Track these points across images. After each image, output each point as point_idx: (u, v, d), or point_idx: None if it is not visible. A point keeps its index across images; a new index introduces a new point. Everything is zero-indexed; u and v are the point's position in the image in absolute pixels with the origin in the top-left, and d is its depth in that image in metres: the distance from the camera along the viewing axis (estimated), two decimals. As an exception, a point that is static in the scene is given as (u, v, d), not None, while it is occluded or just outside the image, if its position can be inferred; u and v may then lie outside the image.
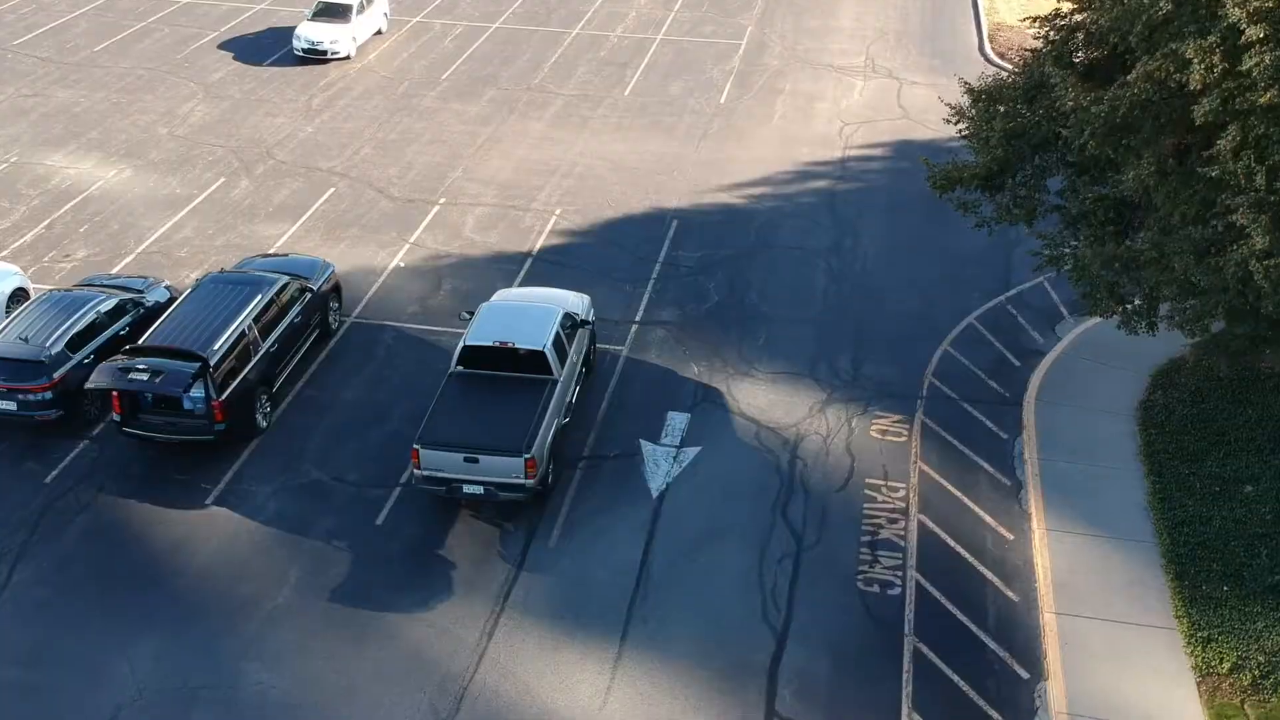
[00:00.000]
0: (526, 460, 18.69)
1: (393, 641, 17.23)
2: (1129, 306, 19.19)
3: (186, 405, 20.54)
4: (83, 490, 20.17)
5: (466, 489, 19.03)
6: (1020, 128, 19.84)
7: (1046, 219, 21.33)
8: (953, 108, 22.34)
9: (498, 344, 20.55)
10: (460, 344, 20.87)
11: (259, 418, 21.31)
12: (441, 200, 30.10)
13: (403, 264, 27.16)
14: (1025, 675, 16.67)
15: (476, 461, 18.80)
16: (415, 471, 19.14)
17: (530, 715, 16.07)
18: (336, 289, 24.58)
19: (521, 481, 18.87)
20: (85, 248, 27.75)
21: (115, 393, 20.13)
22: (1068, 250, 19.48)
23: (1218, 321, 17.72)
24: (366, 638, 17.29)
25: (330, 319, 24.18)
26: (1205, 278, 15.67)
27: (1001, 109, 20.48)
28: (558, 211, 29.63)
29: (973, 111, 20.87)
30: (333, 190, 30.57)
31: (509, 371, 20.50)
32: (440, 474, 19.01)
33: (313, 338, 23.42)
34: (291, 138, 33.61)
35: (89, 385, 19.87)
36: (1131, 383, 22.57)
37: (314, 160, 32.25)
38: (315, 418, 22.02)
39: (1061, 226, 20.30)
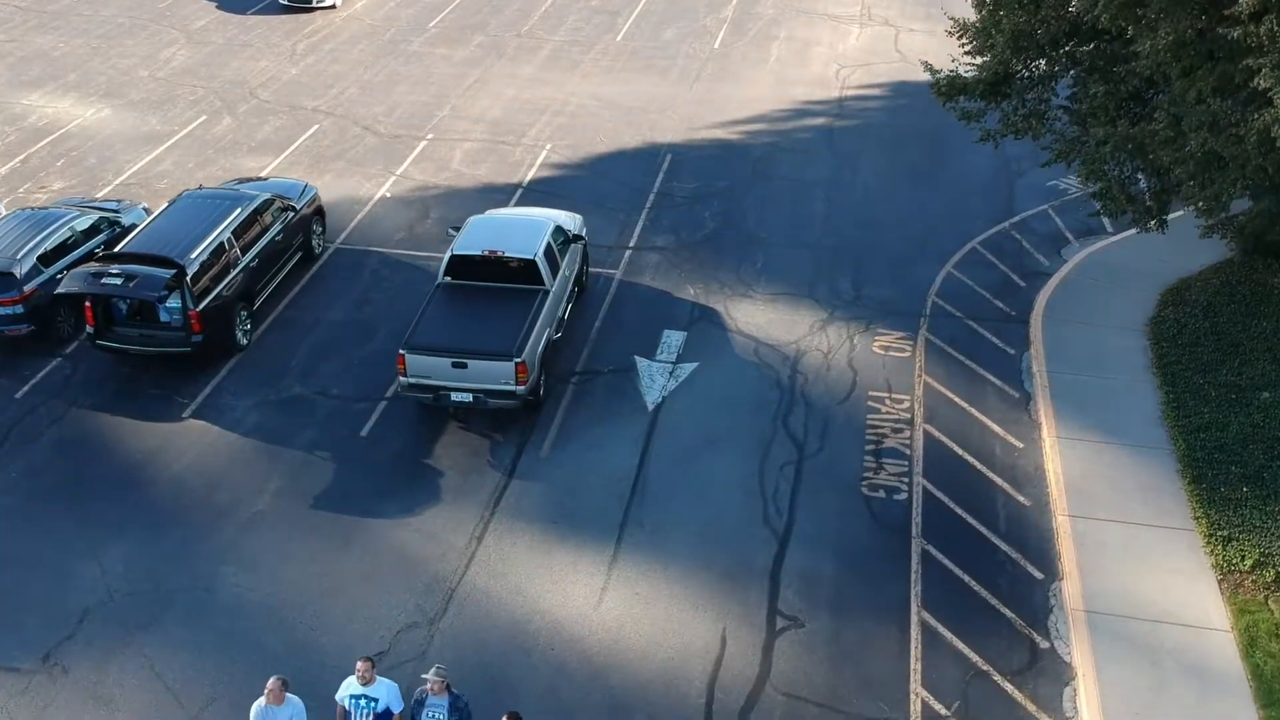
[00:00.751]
0: (517, 364, 17.92)
1: (378, 546, 16.46)
2: (1140, 205, 18.51)
3: (163, 317, 19.76)
4: (54, 405, 19.34)
5: (455, 397, 18.25)
6: (1028, 25, 19.13)
7: (1054, 127, 20.66)
8: (955, 20, 21.69)
9: (486, 253, 19.79)
10: (448, 254, 20.10)
11: (239, 334, 20.50)
12: (429, 136, 29.30)
13: (389, 194, 26.38)
14: (1039, 575, 15.96)
15: (465, 367, 18.02)
16: (401, 379, 18.36)
17: (522, 615, 15.31)
18: (320, 213, 23.79)
19: (512, 388, 18.09)
20: (61, 180, 26.91)
21: (88, 304, 19.31)
22: (1077, 142, 18.76)
23: (1235, 204, 17.02)
24: (350, 542, 16.51)
25: (314, 243, 23.39)
26: (1226, 148, 14.97)
27: (1005, 12, 19.78)
28: (548, 146, 28.89)
29: (980, 13, 20.17)
30: (317, 127, 29.78)
31: (499, 282, 19.72)
32: (427, 381, 18.23)
33: (295, 260, 22.64)
34: (275, 80, 32.80)
35: (60, 290, 19.05)
36: (1140, 301, 21.88)
37: (298, 100, 31.46)
38: (298, 336, 21.23)
39: (1071, 123, 19.61)
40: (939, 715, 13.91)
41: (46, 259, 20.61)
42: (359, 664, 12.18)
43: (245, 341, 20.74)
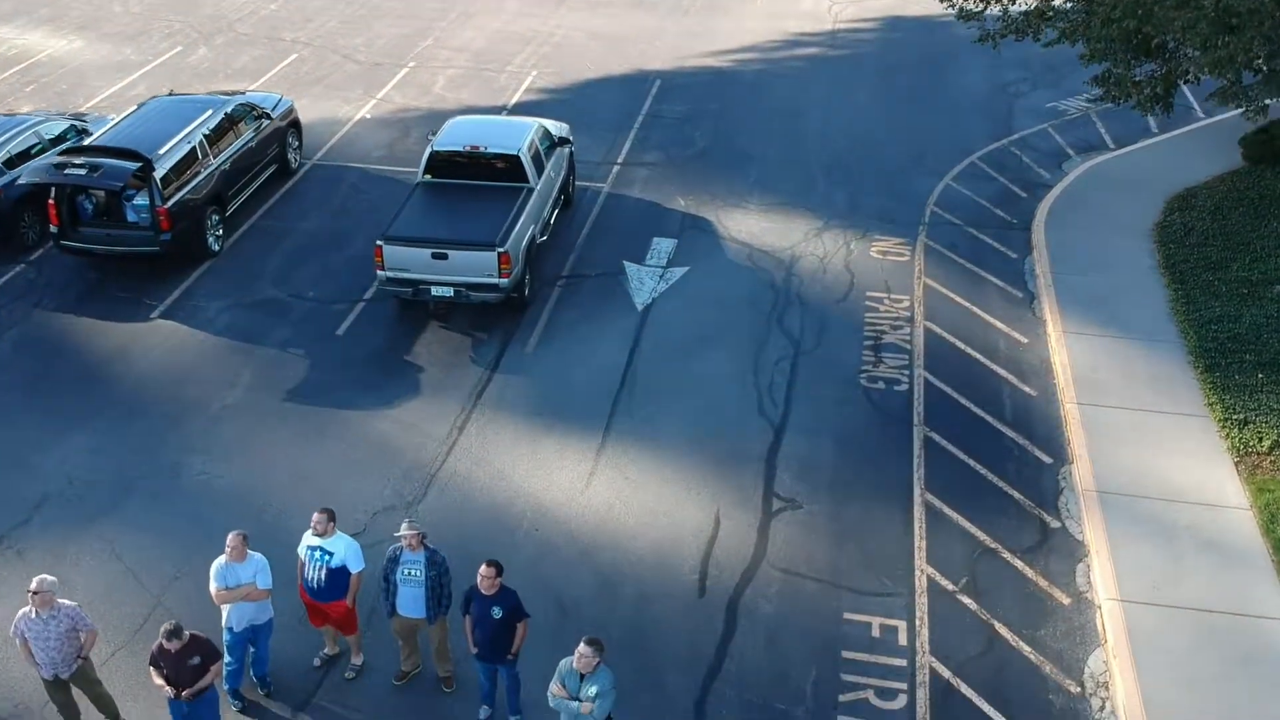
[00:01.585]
0: (500, 255, 17.12)
1: (353, 436, 15.65)
2: (1145, 89, 17.78)
3: (130, 216, 18.94)
4: (17, 308, 18.50)
5: (435, 291, 17.45)
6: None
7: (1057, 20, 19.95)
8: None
9: (468, 149, 18.99)
10: (427, 150, 19.28)
11: (210, 239, 19.67)
12: (411, 64, 28.49)
13: (369, 115, 25.56)
14: (1048, 460, 15.23)
15: (445, 258, 17.22)
16: (379, 273, 17.55)
17: (505, 498, 14.52)
18: (296, 126, 22.95)
19: (495, 280, 17.29)
20: (30, 104, 26.01)
21: (51, 201, 18.45)
22: (1083, 20, 18.04)
23: (1247, 76, 16.31)
24: (325, 433, 15.70)
25: (289, 157, 22.56)
26: (1243, 2, 14.25)
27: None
28: (534, 74, 28.11)
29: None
30: (295, 56, 28.97)
31: (481, 180, 18.92)
32: (406, 275, 17.42)
33: (270, 171, 21.80)
34: (254, 14, 31.98)
35: (22, 181, 18.17)
36: (1145, 208, 21.19)
37: (277, 32, 30.64)
38: (272, 243, 20.42)
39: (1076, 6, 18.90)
40: (945, 590, 13.16)
41: (11, 163, 19.76)
42: (315, 515, 11.38)
43: (217, 248, 19.90)
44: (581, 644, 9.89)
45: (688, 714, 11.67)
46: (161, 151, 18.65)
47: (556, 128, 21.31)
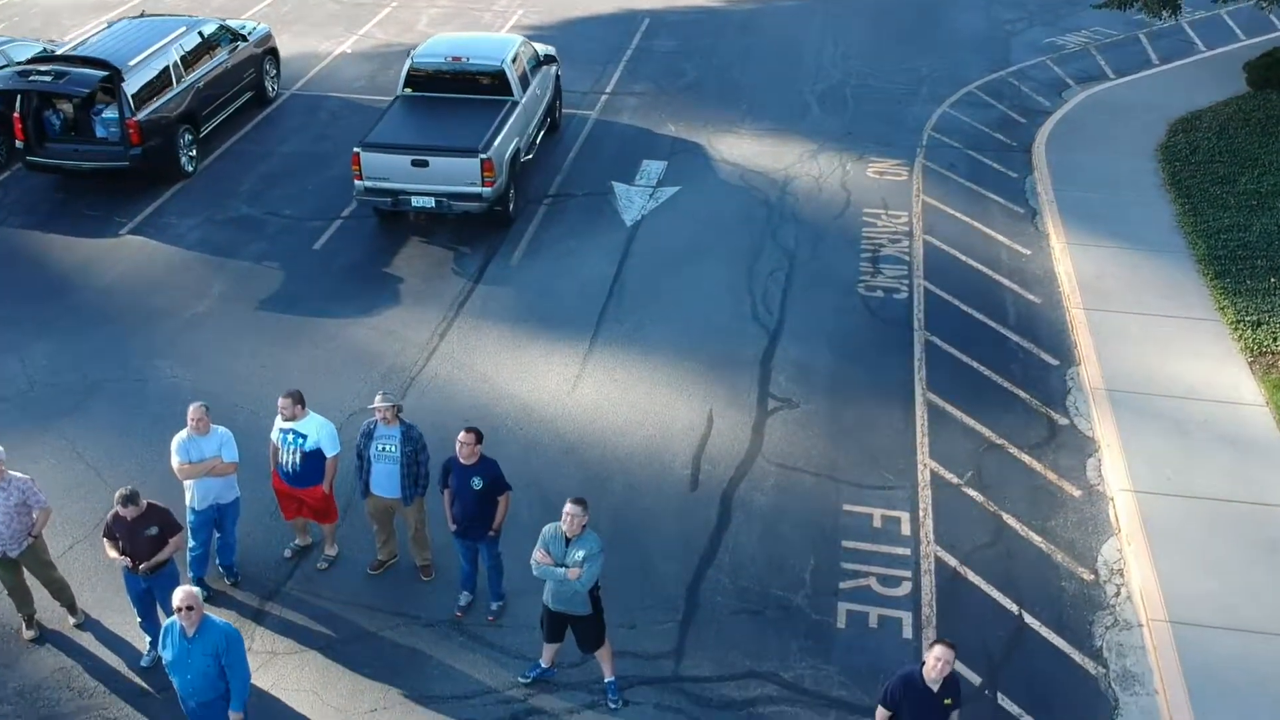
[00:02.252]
0: (483, 161, 16.44)
1: (330, 342, 14.98)
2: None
3: (99, 131, 18.25)
4: (-20, 226, 17.77)
5: (415, 201, 16.76)
6: None
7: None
8: None
9: (449, 60, 18.30)
10: (407, 64, 18.59)
11: (183, 159, 18.94)
12: (394, 3, 27.78)
13: (350, 50, 24.85)
14: (1054, 362, 14.62)
15: (426, 165, 16.54)
16: (357, 183, 16.86)
17: (488, 399, 13.86)
18: (273, 54, 22.22)
19: (478, 190, 16.62)
20: (1, 40, 25.21)
21: (18, 116, 17.72)
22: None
23: None
24: (299, 339, 15.03)
25: (267, 85, 21.83)
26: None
27: None
28: (520, 11, 27.43)
29: None
30: (276, -3, 28.22)
31: (463, 94, 18.23)
32: (385, 184, 16.73)
33: (246, 96, 21.08)
34: (233, -40, 31.13)
35: (-17, 90, 17.47)
36: (1148, 131, 20.60)
37: (257, -25, 29.81)
38: (248, 166, 19.71)
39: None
40: (950, 484, 12.53)
41: (-25, 82, 18.96)
42: (280, 400, 10.71)
43: (191, 169, 19.19)
44: (568, 504, 9.24)
45: (679, 600, 11.03)
46: (132, 63, 17.96)
47: (542, 47, 20.63)
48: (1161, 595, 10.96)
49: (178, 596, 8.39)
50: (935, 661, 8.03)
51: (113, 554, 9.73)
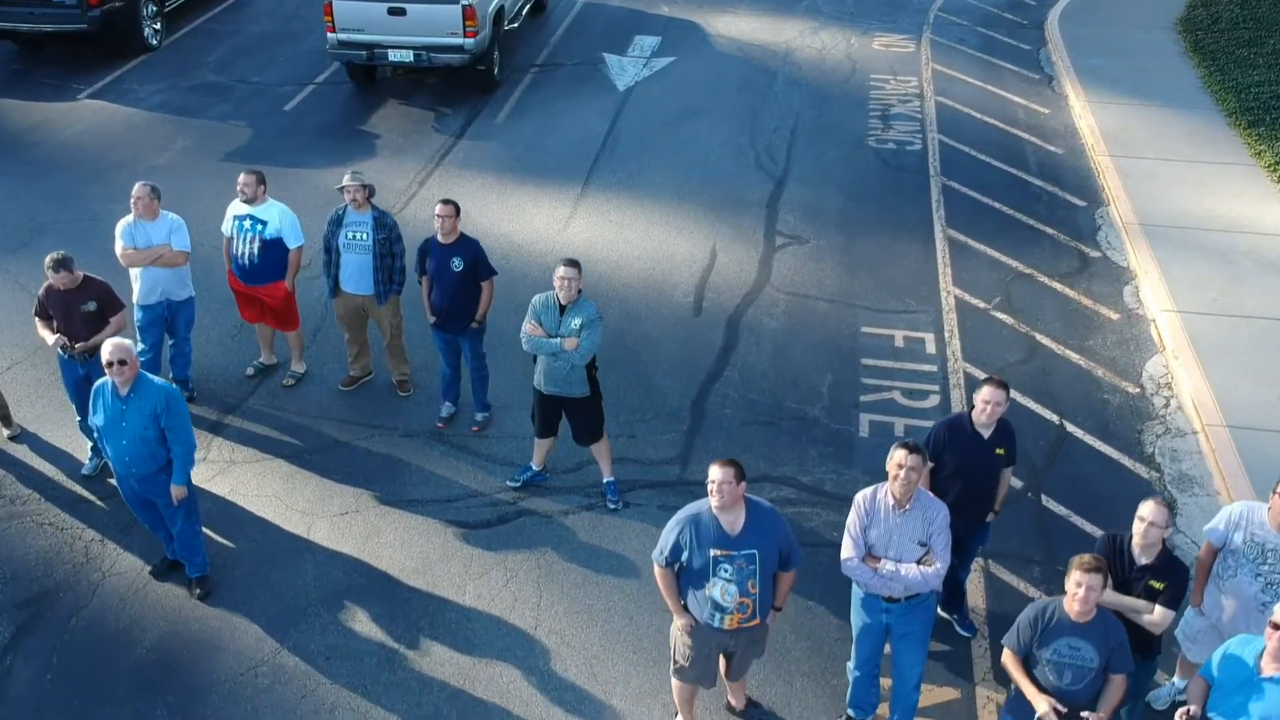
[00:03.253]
0: (465, 8, 15.31)
1: (299, 188, 13.81)
2: None
3: (55, -7, 16.99)
4: (-73, 93, 16.56)
5: (393, 56, 15.63)
6: None
7: None
8: None
9: (430, -83, 17.11)
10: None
11: (146, 31, 17.76)
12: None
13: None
14: (1081, 203, 13.60)
15: (404, 14, 15.41)
16: (330, 35, 15.71)
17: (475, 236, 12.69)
18: (246, -63, 21.00)
19: (459, 41, 15.49)
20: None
21: (-35, -25, 16.53)
22: None
23: None
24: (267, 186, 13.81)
25: (238, -30, 20.63)
26: None
27: None
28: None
29: None
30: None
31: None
32: (359, 36, 15.60)
33: (217, -22, 19.91)
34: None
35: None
36: (1166, 5, 19.62)
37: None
38: (217, 41, 18.55)
39: None
40: (977, 308, 11.49)
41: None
42: (241, 177, 9.63)
43: (155, 42, 18.02)
44: (560, 267, 8.15)
45: (683, 413, 9.94)
46: (88, -81, 16.75)
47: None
48: (1216, 403, 9.94)
49: (107, 349, 7.27)
50: (984, 405, 6.98)
51: (46, 335, 8.61)
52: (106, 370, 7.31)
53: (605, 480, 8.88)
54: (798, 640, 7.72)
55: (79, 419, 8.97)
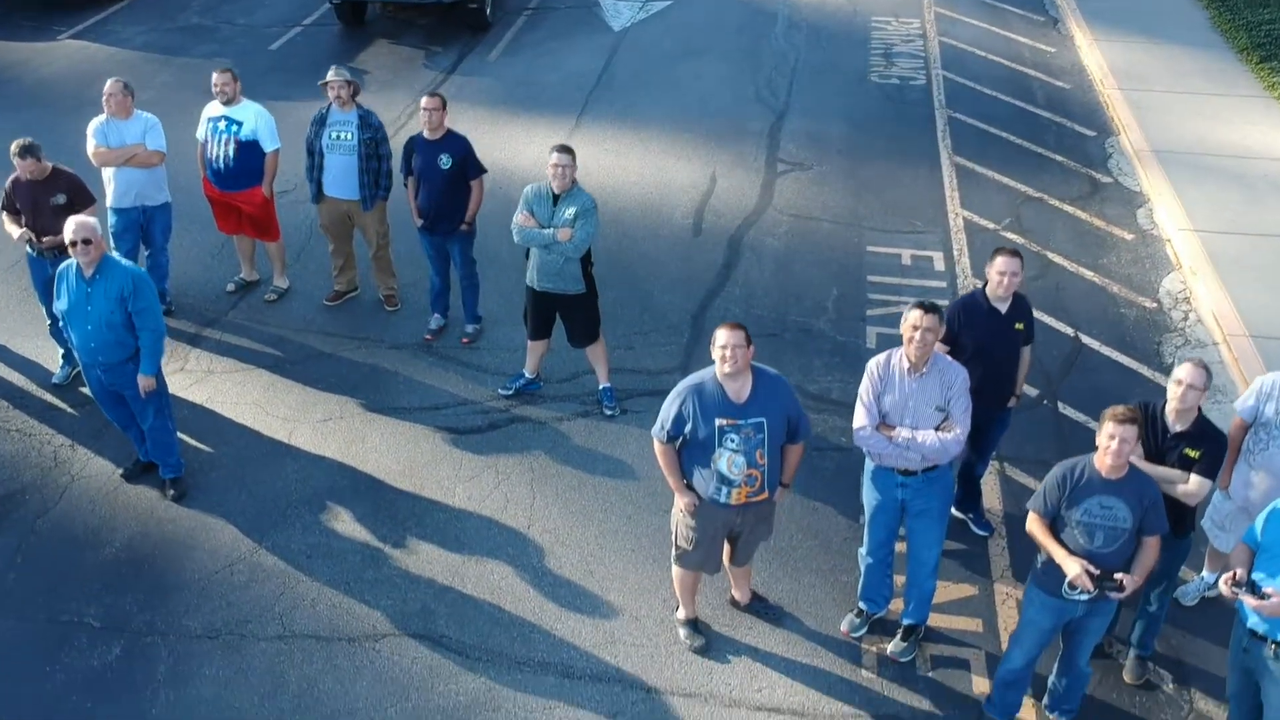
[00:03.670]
0: (456, -58, 14.90)
1: (284, 120, 13.05)
2: None
3: (33, -68, 16.55)
4: (-97, 36, 16.10)
5: (381, -12, 15.22)
6: None
7: None
8: None
9: None
10: None
11: (130, -24, 17.33)
12: None
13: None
14: (1090, 133, 13.21)
15: (394, -52, 14.99)
16: (316, -29, 15.30)
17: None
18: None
19: (451, -24, 15.08)
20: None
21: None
22: None
23: None
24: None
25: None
26: None
27: None
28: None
29: None
30: None
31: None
32: (349, -28, 15.18)
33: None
34: None
35: None
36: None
37: None
38: (202, -13, 18.10)
39: None
40: (986, 229, 11.09)
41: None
42: (215, 75, 9.21)
43: (138, -12, 17.58)
44: (554, 153, 7.73)
45: (683, 326, 9.54)
46: None
47: None
48: (1238, 315, 9.56)
49: (70, 228, 6.86)
50: (999, 276, 6.58)
51: (12, 229, 8.18)
52: (70, 251, 6.89)
53: (601, 386, 8.47)
54: (805, 538, 7.32)
55: (49, 322, 8.54)
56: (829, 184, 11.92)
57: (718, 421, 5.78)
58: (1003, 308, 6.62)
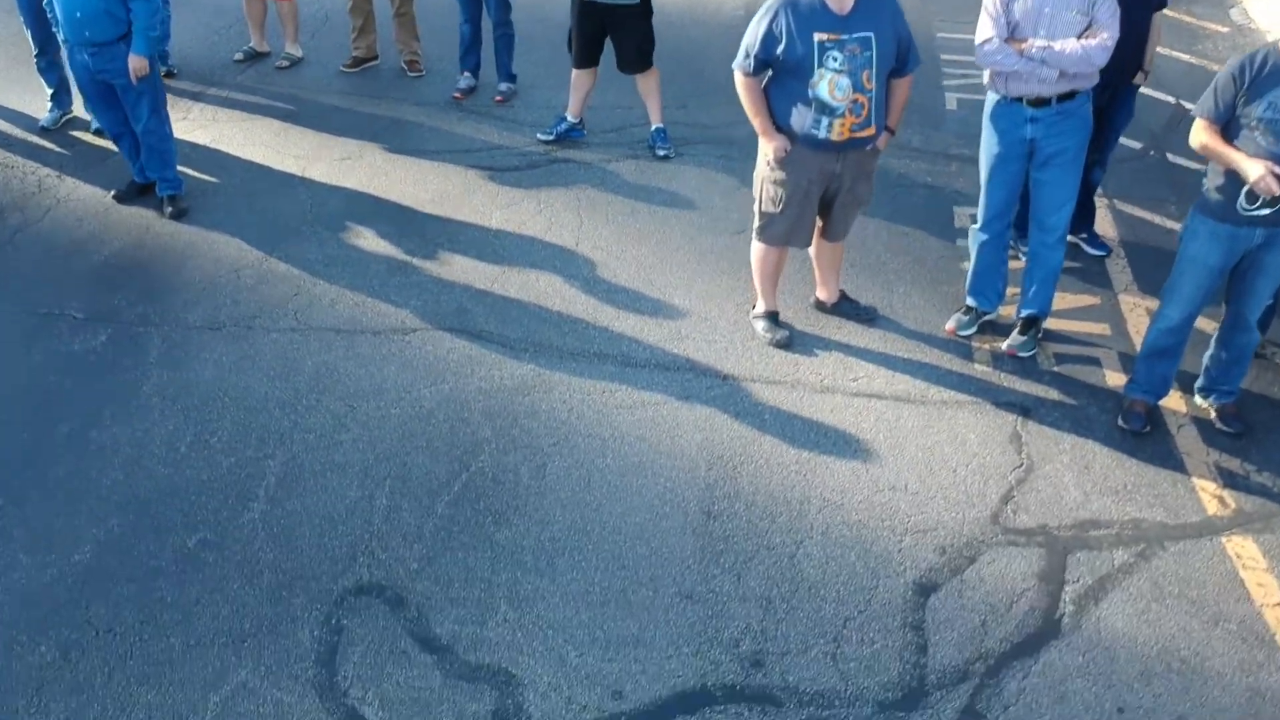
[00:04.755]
0: None
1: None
2: None
3: None
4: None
5: None
6: None
7: None
8: None
9: None
10: None
11: None
12: None
13: None
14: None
15: None
16: None
17: None
18: None
19: None
20: None
21: None
22: None
23: None
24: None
25: None
26: None
27: None
28: None
29: None
30: None
31: None
32: None
33: None
34: None
35: None
36: None
37: None
38: None
39: None
40: (1066, 22, 10.06)
41: None
42: None
43: None
44: None
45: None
46: None
47: None
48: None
49: None
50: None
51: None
52: (56, -98, 5.96)
53: (654, 127, 7.52)
54: (894, 256, 6.40)
55: (35, 54, 7.61)
56: None
57: (817, 37, 4.83)
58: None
